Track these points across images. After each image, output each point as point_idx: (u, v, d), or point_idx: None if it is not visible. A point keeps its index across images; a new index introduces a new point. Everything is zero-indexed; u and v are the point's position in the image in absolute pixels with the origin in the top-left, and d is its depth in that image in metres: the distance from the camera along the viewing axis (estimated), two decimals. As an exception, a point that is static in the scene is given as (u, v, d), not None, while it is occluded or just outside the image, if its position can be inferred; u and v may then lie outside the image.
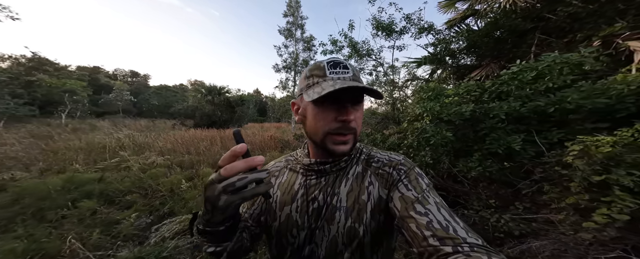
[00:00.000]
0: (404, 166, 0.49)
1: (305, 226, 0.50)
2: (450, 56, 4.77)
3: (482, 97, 2.37)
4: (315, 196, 0.51)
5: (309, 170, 0.54)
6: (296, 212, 0.51)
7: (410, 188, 0.44)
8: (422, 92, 2.94)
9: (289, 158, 0.62)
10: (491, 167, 1.95)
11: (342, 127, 0.45)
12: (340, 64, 0.46)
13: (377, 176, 0.50)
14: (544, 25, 3.22)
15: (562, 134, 1.73)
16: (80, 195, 2.96)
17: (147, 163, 4.34)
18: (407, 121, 2.95)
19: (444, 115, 2.29)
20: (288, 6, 11.01)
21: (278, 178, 0.58)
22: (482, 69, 4.17)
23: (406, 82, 5.39)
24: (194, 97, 13.28)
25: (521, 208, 1.80)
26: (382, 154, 0.55)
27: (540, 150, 1.75)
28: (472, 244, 0.33)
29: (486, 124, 2.13)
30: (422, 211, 0.39)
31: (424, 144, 2.44)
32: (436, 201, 0.42)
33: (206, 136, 7.30)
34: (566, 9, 2.87)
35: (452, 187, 2.57)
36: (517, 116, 1.94)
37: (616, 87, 1.46)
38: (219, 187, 0.33)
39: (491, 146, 2.00)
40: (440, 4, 4.87)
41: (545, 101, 1.78)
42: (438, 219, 0.38)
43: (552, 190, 1.50)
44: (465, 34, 4.38)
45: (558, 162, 1.47)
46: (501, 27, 3.84)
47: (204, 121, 11.50)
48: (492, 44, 4.04)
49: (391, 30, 4.44)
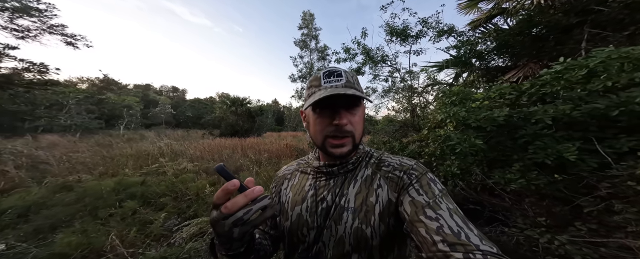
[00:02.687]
0: (416, 171, 0.49)
1: (314, 226, 0.51)
2: (477, 58, 4.39)
3: (520, 101, 2.09)
4: (324, 196, 0.53)
5: (318, 172, 0.56)
6: (306, 212, 0.53)
7: (421, 193, 0.44)
8: (445, 97, 2.72)
9: (300, 162, 0.66)
10: (538, 179, 1.66)
11: (336, 131, 0.48)
12: (334, 73, 0.50)
13: (387, 179, 0.50)
14: (595, 18, 2.77)
15: (634, 141, 1.40)
16: (126, 196, 3.36)
17: (179, 169, 4.77)
18: (427, 128, 2.73)
19: (471, 121, 2.06)
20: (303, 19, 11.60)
21: (290, 180, 0.62)
22: (519, 69, 3.73)
23: (426, 88, 5.08)
24: (220, 109, 14.45)
25: (584, 229, 1.47)
26: (393, 159, 0.55)
27: (605, 161, 1.44)
28: (485, 252, 0.32)
29: (527, 131, 1.85)
30: (433, 216, 0.38)
31: (449, 153, 2.22)
32: (449, 207, 0.40)
33: (229, 144, 7.84)
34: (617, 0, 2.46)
35: (489, 202, 2.25)
36: (568, 121, 1.65)
37: None
38: (228, 223, 0.34)
39: (536, 156, 1.71)
40: (460, 5, 4.61)
41: (606, 102, 1.48)
42: (449, 224, 0.37)
43: (626, 210, 1.20)
44: (494, 33, 4.01)
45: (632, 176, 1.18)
46: (538, 24, 3.43)
47: (228, 130, 12.36)
48: (529, 42, 3.61)
49: (406, 35, 4.30)
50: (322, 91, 0.48)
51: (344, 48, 5.00)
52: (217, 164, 0.37)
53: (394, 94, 5.09)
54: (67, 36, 9.32)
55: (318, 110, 0.50)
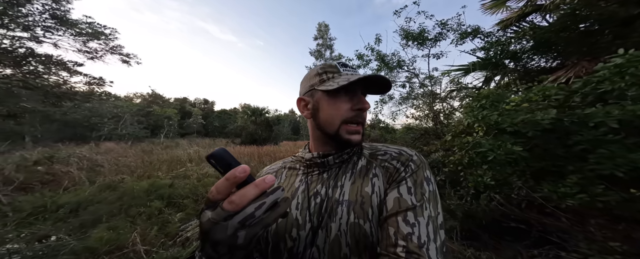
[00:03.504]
0: (414, 163, 0.45)
1: (306, 226, 0.44)
2: (511, 59, 3.95)
3: (570, 102, 1.77)
4: (318, 190, 0.48)
5: (310, 165, 0.52)
6: (296, 209, 0.47)
7: (411, 192, 0.41)
8: (474, 101, 2.45)
9: (285, 160, 0.61)
10: (606, 195, 1.33)
11: (357, 116, 0.47)
12: (343, 64, 0.51)
13: (383, 168, 0.47)
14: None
15: None
16: (155, 196, 3.63)
17: (202, 173, 5.04)
18: (451, 134, 2.45)
19: (506, 125, 1.79)
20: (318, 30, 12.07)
21: (276, 179, 0.56)
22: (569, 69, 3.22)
23: (451, 93, 4.67)
24: (241, 119, 15.38)
25: None
26: (391, 148, 0.51)
27: None
28: None
29: (585, 136, 1.53)
30: (411, 221, 0.38)
31: (480, 162, 1.93)
32: (431, 214, 0.39)
33: (248, 151, 8.22)
34: None
35: (538, 221, 1.88)
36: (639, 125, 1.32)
37: None
38: (234, 224, 0.25)
39: (601, 166, 1.39)
40: (484, 5, 4.29)
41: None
42: (421, 233, 0.36)
43: None
44: (530, 32, 3.59)
45: None
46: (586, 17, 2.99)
47: (247, 138, 13.12)
48: (577, 38, 3.15)
49: (423, 38, 4.09)
50: (344, 77, 0.46)
51: (356, 54, 4.95)
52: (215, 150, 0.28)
53: (413, 101, 4.80)
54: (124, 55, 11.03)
55: (343, 93, 0.47)
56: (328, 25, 12.22)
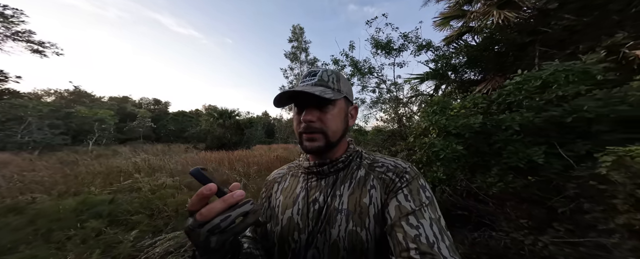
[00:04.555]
0: (408, 174, 0.48)
1: (306, 229, 0.49)
2: (452, 71, 4.79)
3: (490, 109, 2.28)
4: (316, 197, 0.51)
5: (309, 173, 0.55)
6: (297, 214, 0.51)
7: (409, 199, 0.44)
8: (428, 107, 2.89)
9: (291, 165, 0.64)
10: (514, 182, 1.76)
11: (306, 127, 0.49)
12: (312, 73, 0.52)
13: (380, 180, 0.49)
14: (543, 38, 3.21)
15: (589, 145, 1.57)
16: (89, 216, 3.00)
17: (157, 184, 4.41)
18: (413, 136, 2.85)
19: (451, 128, 2.19)
20: (293, 32, 12.06)
21: (280, 184, 0.60)
22: (488, 82, 4.11)
23: (411, 98, 5.37)
24: (206, 121, 14.00)
25: (562, 229, 1.55)
26: (387, 160, 0.54)
27: (567, 163, 1.58)
28: None
29: (500, 137, 1.99)
30: (415, 223, 0.39)
31: (434, 159, 2.30)
32: (432, 216, 0.41)
33: (215, 157, 7.47)
34: (559, 23, 2.90)
35: (475, 207, 2.32)
36: (532, 128, 1.81)
37: (635, 94, 1.34)
38: (204, 232, 0.30)
39: (510, 160, 1.83)
40: (435, 22, 5.11)
41: (560, 110, 1.67)
42: (427, 234, 0.38)
43: (593, 208, 1.30)
44: (464, 49, 4.45)
45: (592, 176, 1.30)
46: (499, 41, 3.88)
47: (214, 143, 11.90)
48: (494, 57, 4.04)
49: (390, 48, 4.62)
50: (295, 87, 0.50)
51: (332, 60, 5.21)
52: (193, 168, 0.34)
53: (381, 105, 5.30)
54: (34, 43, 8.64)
55: (295, 109, 0.51)
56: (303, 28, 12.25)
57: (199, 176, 0.33)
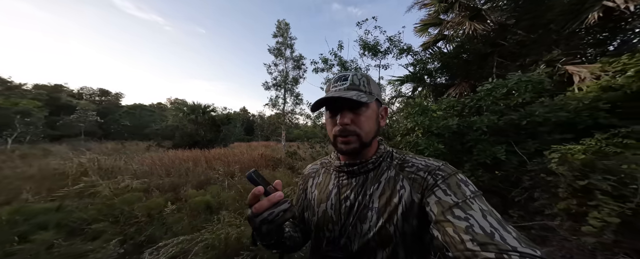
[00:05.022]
0: (443, 171, 0.48)
1: (339, 222, 0.54)
2: (427, 75, 5.30)
3: (463, 112, 2.62)
4: (348, 195, 0.55)
5: (340, 171, 0.59)
6: (331, 209, 0.56)
7: (449, 193, 0.43)
8: (410, 108, 3.16)
9: (323, 161, 0.68)
10: (483, 176, 2.08)
11: (341, 130, 0.51)
12: (342, 78, 0.55)
13: (410, 180, 0.51)
14: (500, 50, 3.80)
15: (537, 144, 1.95)
16: (32, 227, 2.47)
17: (119, 188, 3.85)
18: (400, 135, 3.09)
19: (433, 128, 2.46)
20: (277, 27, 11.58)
21: (315, 179, 0.65)
22: (456, 87, 4.67)
23: (392, 99, 5.76)
24: (174, 117, 12.58)
25: (515, 216, 1.91)
26: (418, 160, 0.54)
27: (522, 159, 1.93)
28: (523, 254, 0.29)
29: (471, 136, 2.32)
30: (462, 215, 0.37)
31: (417, 157, 2.55)
32: (482, 208, 0.38)
33: (189, 156, 6.79)
34: (514, 37, 3.46)
35: None
36: (496, 129, 2.16)
37: (571, 102, 1.73)
38: (257, 221, 0.42)
39: (479, 157, 2.16)
40: (416, 28, 5.55)
41: (518, 114, 2.02)
42: (481, 224, 0.35)
43: (542, 196, 1.63)
44: (438, 55, 4.95)
45: (542, 170, 1.63)
46: (467, 50, 4.44)
47: (185, 141, 10.78)
48: (462, 64, 4.61)
49: (377, 50, 4.86)
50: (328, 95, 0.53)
51: (322, 59, 5.23)
52: (248, 172, 0.45)
53: None
54: None
55: (328, 113, 0.55)
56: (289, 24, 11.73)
57: (252, 180, 0.44)
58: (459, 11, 4.47)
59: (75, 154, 8.68)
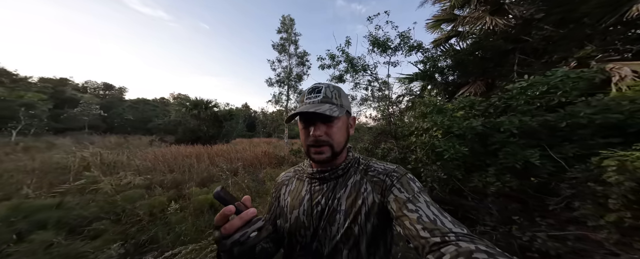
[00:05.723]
0: (397, 173, 0.56)
1: (311, 227, 0.57)
2: (439, 73, 5.08)
3: (487, 112, 2.44)
4: (319, 200, 0.59)
5: (312, 178, 0.62)
6: (303, 214, 0.59)
7: (402, 191, 0.50)
8: (423, 107, 2.97)
9: (297, 169, 0.72)
10: (511, 182, 1.91)
11: (314, 141, 0.55)
12: (315, 89, 0.58)
13: (372, 183, 0.57)
14: (522, 47, 3.56)
15: (576, 148, 1.76)
16: (30, 226, 2.38)
17: (121, 184, 3.75)
18: (414, 135, 2.91)
19: (455, 129, 2.28)
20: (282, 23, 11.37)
21: (288, 186, 0.68)
22: (470, 86, 4.45)
23: (399, 98, 5.55)
24: (177, 112, 12.54)
25: (544, 224, 1.74)
26: (378, 164, 0.61)
27: (558, 165, 1.76)
28: (457, 234, 0.37)
29: (497, 139, 2.14)
30: (413, 208, 0.45)
31: (434, 159, 2.39)
32: (426, 200, 0.47)
33: (191, 152, 6.71)
34: (540, 32, 3.22)
35: (459, 203, 2.48)
36: (528, 131, 1.98)
37: (623, 103, 1.54)
38: (228, 244, 0.39)
39: (506, 161, 1.99)
40: (428, 24, 5.31)
41: (556, 115, 1.83)
42: (426, 214, 0.43)
43: (583, 206, 1.46)
44: (451, 53, 4.72)
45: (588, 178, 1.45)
46: (484, 47, 4.21)
47: (187, 136, 10.75)
48: (478, 62, 4.38)
49: (386, 47, 4.64)
50: (301, 107, 0.57)
51: (329, 55, 5.02)
52: (215, 190, 0.41)
53: (371, 103, 5.35)
54: None
55: (301, 124, 0.58)
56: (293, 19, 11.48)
57: (220, 198, 0.41)
58: (476, 6, 4.23)
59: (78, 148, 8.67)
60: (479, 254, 0.32)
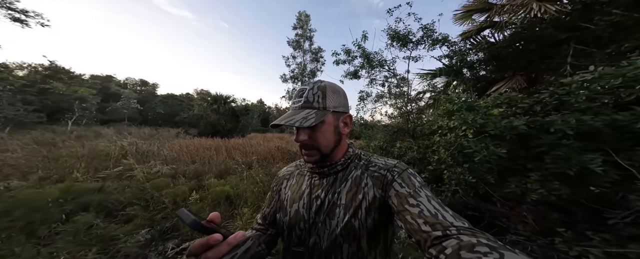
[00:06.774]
0: (398, 169, 0.55)
1: (310, 220, 0.57)
2: (467, 68, 4.60)
3: (532, 110, 2.12)
4: (319, 194, 0.58)
5: (312, 173, 0.63)
6: (303, 208, 0.59)
7: (403, 186, 0.50)
8: (448, 104, 2.70)
9: (298, 163, 0.72)
10: (560, 190, 1.64)
11: (301, 146, 0.57)
12: (299, 93, 0.57)
13: (373, 178, 0.56)
14: (580, 35, 3.02)
15: (653, 154, 1.43)
16: (77, 207, 2.68)
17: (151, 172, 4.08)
18: (438, 134, 2.67)
19: (490, 129, 2.02)
20: (298, 19, 11.37)
21: (289, 180, 0.68)
22: (507, 81, 3.95)
23: (419, 95, 5.17)
24: (199, 106, 13.38)
25: (597, 238, 1.47)
26: (379, 160, 0.61)
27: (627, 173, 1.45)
28: (459, 228, 0.38)
29: (544, 140, 1.85)
30: (415, 203, 0.45)
31: (462, 161, 2.15)
32: (428, 194, 0.48)
33: (211, 144, 7.10)
34: (606, 18, 2.69)
35: (485, 208, 2.24)
36: (587, 132, 1.66)
37: None
38: None
39: (556, 166, 1.70)
40: (456, 15, 4.81)
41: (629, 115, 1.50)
42: (428, 208, 0.43)
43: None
44: (485, 45, 4.23)
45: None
46: (527, 38, 3.68)
47: (208, 129, 11.44)
48: (518, 55, 3.86)
49: (407, 40, 4.31)
50: (287, 112, 0.59)
51: (344, 50, 4.85)
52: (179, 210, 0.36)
53: (387, 100, 5.08)
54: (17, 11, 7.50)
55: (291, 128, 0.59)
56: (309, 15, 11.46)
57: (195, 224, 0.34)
58: (520, -10, 3.68)
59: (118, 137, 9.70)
60: (480, 248, 0.31)
